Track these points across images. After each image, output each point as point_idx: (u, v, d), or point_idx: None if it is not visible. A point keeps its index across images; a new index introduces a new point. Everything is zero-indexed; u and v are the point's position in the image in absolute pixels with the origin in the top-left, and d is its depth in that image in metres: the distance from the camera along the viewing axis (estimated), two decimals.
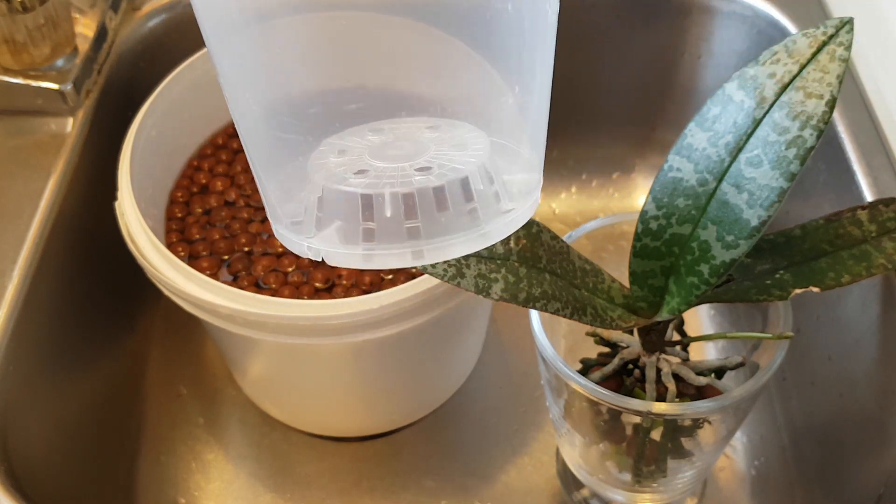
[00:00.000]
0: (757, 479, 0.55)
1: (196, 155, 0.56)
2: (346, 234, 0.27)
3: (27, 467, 0.44)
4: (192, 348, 0.62)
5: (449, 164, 0.27)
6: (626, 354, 0.43)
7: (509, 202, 0.28)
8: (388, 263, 0.27)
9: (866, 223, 0.40)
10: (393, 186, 0.26)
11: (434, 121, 0.28)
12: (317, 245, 0.27)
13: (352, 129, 0.28)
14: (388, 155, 0.27)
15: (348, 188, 0.26)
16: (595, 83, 0.67)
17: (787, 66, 0.36)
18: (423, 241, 0.26)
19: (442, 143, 0.28)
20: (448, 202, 0.26)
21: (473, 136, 0.28)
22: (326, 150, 0.28)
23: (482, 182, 0.27)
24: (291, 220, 0.28)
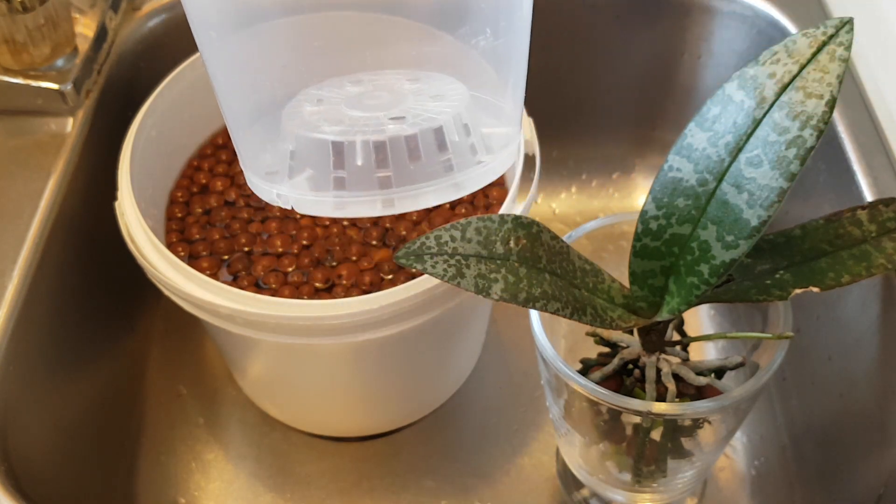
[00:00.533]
0: (757, 479, 0.55)
1: (196, 155, 0.56)
2: (316, 182, 0.26)
3: (27, 467, 0.44)
4: (192, 348, 0.62)
5: (424, 114, 0.26)
6: (626, 354, 0.43)
7: (486, 154, 0.27)
8: (358, 212, 0.26)
9: (866, 223, 0.40)
10: (365, 135, 0.26)
11: (415, 73, 0.28)
12: (286, 192, 0.27)
13: (332, 79, 0.28)
14: (365, 104, 0.27)
15: (319, 135, 0.26)
16: (595, 83, 0.67)
17: (787, 66, 0.36)
18: (393, 190, 0.26)
19: (421, 94, 0.27)
20: (421, 151, 0.26)
21: (452, 88, 0.27)
22: (303, 100, 0.27)
23: (457, 133, 0.26)
24: (266, 171, 0.28)
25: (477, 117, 0.27)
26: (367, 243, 0.50)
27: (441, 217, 0.52)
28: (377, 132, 0.26)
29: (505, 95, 0.28)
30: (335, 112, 0.27)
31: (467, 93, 0.27)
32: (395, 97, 0.27)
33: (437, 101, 0.27)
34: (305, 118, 0.26)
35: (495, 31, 0.27)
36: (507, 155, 0.28)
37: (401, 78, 0.28)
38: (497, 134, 0.28)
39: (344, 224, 0.51)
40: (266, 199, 0.27)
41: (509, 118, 0.28)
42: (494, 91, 0.28)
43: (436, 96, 0.27)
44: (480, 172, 0.27)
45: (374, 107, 0.27)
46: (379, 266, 0.49)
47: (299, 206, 0.27)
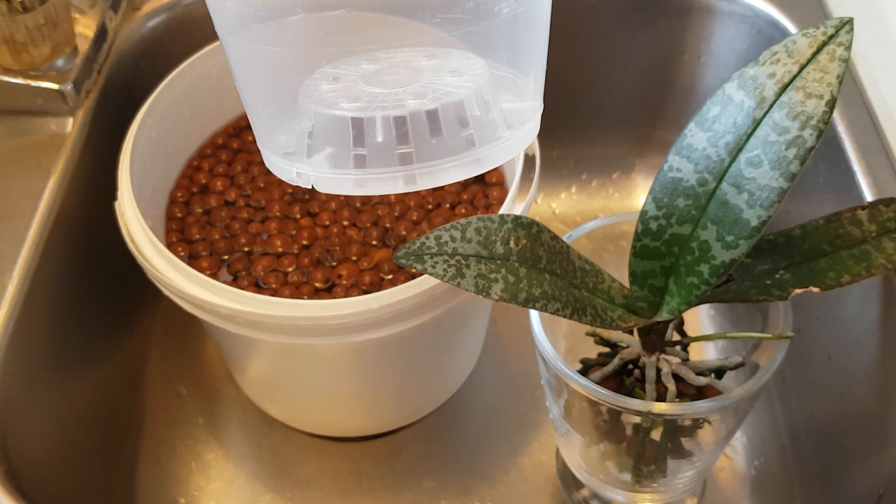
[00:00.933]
0: (757, 479, 0.55)
1: (196, 155, 0.56)
2: (336, 160, 0.26)
3: (27, 467, 0.44)
4: (192, 348, 0.62)
5: (444, 89, 0.26)
6: (626, 354, 0.43)
7: (507, 129, 0.27)
8: (380, 189, 0.26)
9: (866, 223, 0.40)
10: (385, 110, 0.25)
11: (432, 49, 0.27)
12: (306, 170, 0.26)
13: (347, 58, 0.27)
14: (383, 81, 0.26)
15: (338, 112, 0.25)
16: (595, 83, 0.67)
17: (787, 66, 0.36)
18: (415, 166, 0.26)
19: (439, 69, 0.27)
20: (442, 126, 0.25)
21: (471, 63, 0.27)
22: (319, 78, 0.27)
23: (478, 108, 0.26)
24: (284, 151, 0.27)
25: (496, 92, 0.26)
26: (367, 243, 0.50)
27: (441, 217, 0.52)
28: (397, 107, 0.25)
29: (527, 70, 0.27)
30: (353, 89, 0.26)
31: (486, 68, 0.27)
32: (413, 73, 0.27)
33: (456, 77, 0.26)
34: (323, 96, 0.26)
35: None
36: (528, 131, 0.27)
37: (418, 55, 0.27)
38: (517, 109, 0.27)
39: (344, 224, 0.51)
40: (284, 178, 0.27)
41: (530, 93, 0.28)
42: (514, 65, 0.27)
43: (454, 72, 0.26)
44: (501, 147, 0.27)
45: (392, 83, 0.26)
46: (379, 266, 0.49)
47: (319, 184, 0.26)
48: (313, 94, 0.26)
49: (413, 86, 0.26)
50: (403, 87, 0.26)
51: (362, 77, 0.26)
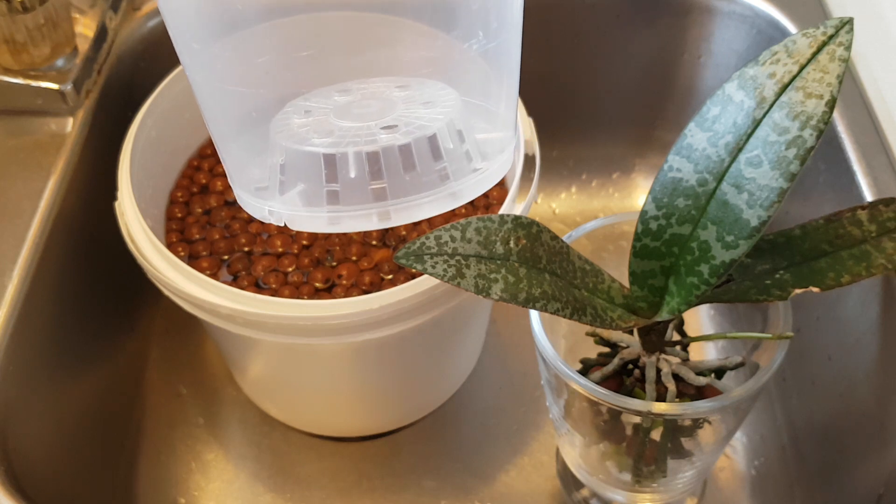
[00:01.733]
0: (757, 479, 0.55)
1: (196, 155, 0.56)
2: (309, 197, 0.25)
3: (27, 467, 0.44)
4: (192, 348, 0.62)
5: (416, 122, 0.25)
6: (626, 354, 0.43)
7: (481, 161, 0.26)
8: (354, 226, 0.26)
9: (866, 223, 0.40)
10: (357, 145, 0.25)
11: (404, 80, 0.27)
12: (278, 209, 0.26)
13: (318, 89, 0.27)
14: (354, 114, 0.26)
15: (310, 148, 0.25)
16: (595, 83, 0.67)
17: (786, 67, 0.36)
18: (389, 202, 0.25)
19: (411, 101, 0.26)
20: (415, 161, 0.25)
21: (444, 94, 0.27)
22: (290, 112, 0.26)
23: (451, 140, 0.25)
24: (256, 187, 0.27)
25: (470, 123, 0.26)
26: (367, 243, 0.50)
27: (441, 217, 0.52)
28: (369, 142, 0.25)
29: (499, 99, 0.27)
30: (324, 123, 0.26)
31: (459, 98, 0.26)
32: (385, 105, 0.26)
33: (428, 108, 0.26)
34: (294, 130, 0.26)
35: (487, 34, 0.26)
36: (503, 161, 0.27)
37: (389, 85, 0.27)
38: (492, 139, 0.27)
39: None
40: (257, 216, 0.26)
41: (503, 122, 0.27)
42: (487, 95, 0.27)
43: (427, 103, 0.26)
44: (477, 180, 0.26)
45: (364, 116, 0.26)
46: (379, 266, 0.49)
47: (292, 222, 0.26)
48: (284, 129, 0.26)
49: (385, 119, 0.26)
50: (375, 121, 0.26)
51: (334, 110, 0.26)
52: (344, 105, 0.26)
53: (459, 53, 0.26)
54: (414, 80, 0.27)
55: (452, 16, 0.26)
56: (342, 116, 0.26)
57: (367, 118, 0.26)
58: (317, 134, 0.25)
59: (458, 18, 0.26)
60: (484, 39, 0.26)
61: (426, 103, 0.26)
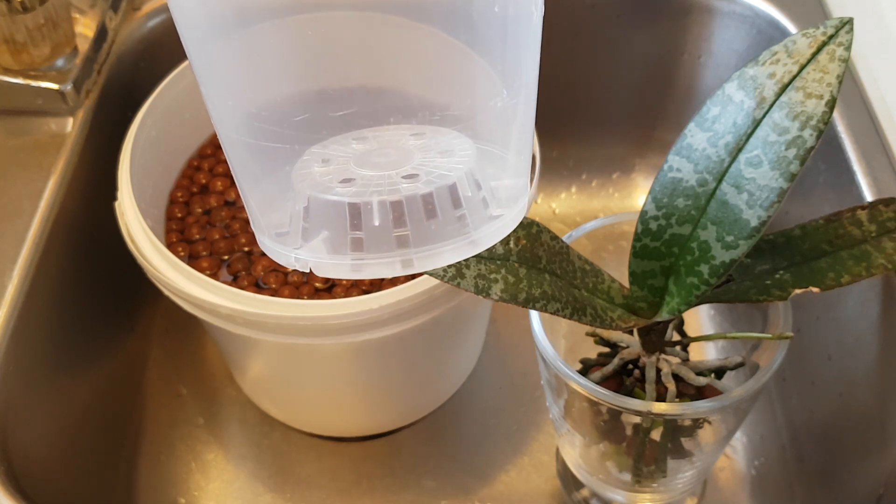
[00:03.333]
0: (757, 479, 0.55)
1: (196, 155, 0.56)
2: (333, 244, 0.26)
3: (27, 467, 0.44)
4: (192, 348, 0.62)
5: (436, 171, 0.26)
6: (626, 354, 0.43)
7: (497, 208, 0.27)
8: (377, 273, 0.26)
9: (866, 223, 0.40)
10: (380, 194, 0.25)
11: (418, 128, 0.28)
12: (304, 256, 0.26)
13: (334, 137, 0.27)
14: (374, 163, 0.27)
15: (335, 197, 0.26)
16: (595, 83, 0.67)
17: (786, 67, 0.36)
18: (412, 250, 0.26)
19: (427, 150, 0.27)
20: (437, 209, 0.26)
21: (459, 143, 0.27)
22: (310, 160, 0.27)
23: (470, 188, 0.26)
24: (276, 232, 0.27)
25: (485, 170, 0.27)
26: None
27: None
28: (392, 191, 0.26)
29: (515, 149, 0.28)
30: (345, 171, 0.26)
31: (474, 147, 0.27)
32: (403, 155, 0.27)
33: (445, 157, 0.27)
34: (317, 179, 0.26)
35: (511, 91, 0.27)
36: (519, 209, 0.28)
37: (405, 133, 0.28)
38: (505, 186, 0.28)
39: None
40: (282, 263, 0.27)
41: (518, 171, 0.28)
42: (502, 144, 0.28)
43: (444, 152, 0.27)
44: (496, 228, 0.27)
45: (384, 165, 0.27)
46: None
47: (318, 269, 0.27)
48: (307, 178, 0.27)
49: (405, 167, 0.26)
50: (396, 170, 0.26)
51: (353, 158, 0.27)
52: (363, 154, 0.27)
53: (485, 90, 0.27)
54: (428, 128, 0.28)
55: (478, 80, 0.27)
56: (362, 165, 0.27)
57: (387, 167, 0.27)
58: (339, 183, 0.26)
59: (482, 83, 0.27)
60: (507, 97, 0.27)
61: (443, 152, 0.27)
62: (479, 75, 0.27)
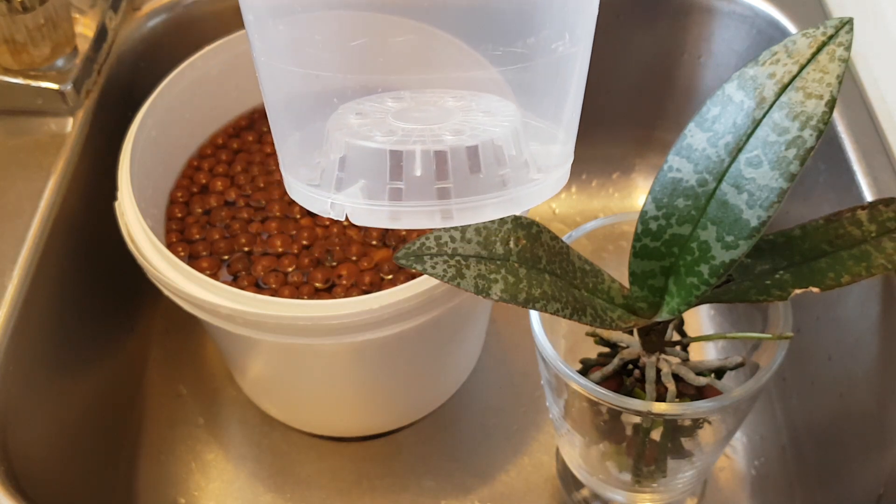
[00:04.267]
0: (757, 479, 0.55)
1: (196, 155, 0.56)
2: (371, 193, 0.25)
3: (27, 467, 0.44)
4: (192, 348, 0.62)
5: (480, 128, 0.25)
6: (626, 355, 0.43)
7: (537, 172, 0.27)
8: (416, 223, 0.25)
9: (866, 223, 0.40)
10: (424, 144, 0.25)
11: (458, 92, 0.27)
12: (341, 201, 0.26)
13: (369, 96, 0.27)
14: (414, 117, 0.26)
15: (376, 144, 0.25)
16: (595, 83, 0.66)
17: (786, 67, 0.36)
18: (453, 202, 0.25)
19: (469, 110, 0.27)
20: (481, 164, 0.25)
21: (502, 105, 0.27)
22: (344, 114, 0.26)
23: (514, 147, 0.26)
24: (308, 183, 0.27)
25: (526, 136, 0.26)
26: (367, 243, 0.50)
27: None
28: (437, 143, 0.25)
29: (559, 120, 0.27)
30: (384, 123, 0.26)
31: (517, 111, 0.26)
32: (444, 112, 0.26)
33: (489, 117, 0.26)
34: (355, 129, 0.25)
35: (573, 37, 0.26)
36: (560, 175, 0.27)
37: (444, 96, 0.27)
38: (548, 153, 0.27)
39: (344, 224, 0.51)
40: (316, 210, 0.26)
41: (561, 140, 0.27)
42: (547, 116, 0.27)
43: (486, 112, 0.26)
44: (536, 189, 0.26)
45: (424, 119, 0.26)
46: (379, 266, 0.49)
47: (354, 215, 0.26)
48: (344, 127, 0.26)
49: (447, 123, 0.26)
50: (438, 124, 0.26)
51: (391, 113, 0.26)
52: (401, 110, 0.26)
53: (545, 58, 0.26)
54: (468, 92, 0.27)
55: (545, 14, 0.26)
56: (401, 119, 0.26)
57: (428, 121, 0.26)
58: (379, 132, 0.25)
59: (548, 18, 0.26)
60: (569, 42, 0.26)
61: (486, 112, 0.26)
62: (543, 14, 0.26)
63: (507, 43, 0.26)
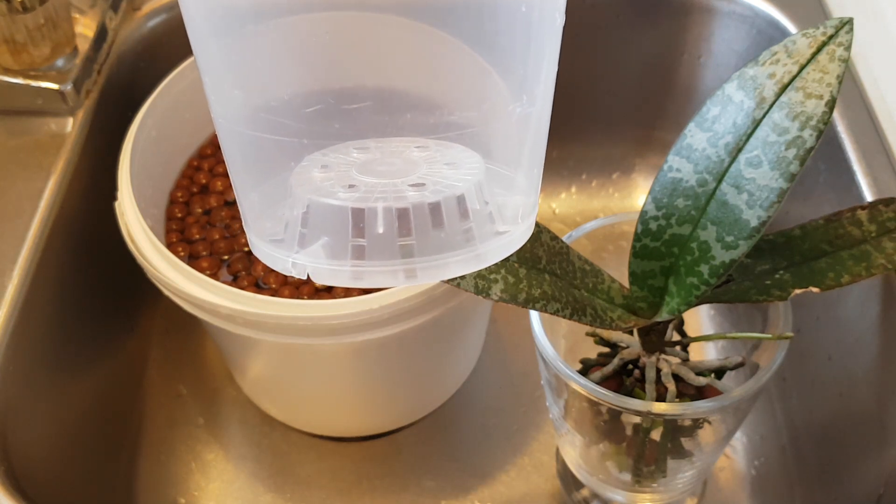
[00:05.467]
0: (757, 479, 0.55)
1: (196, 155, 0.56)
2: (333, 251, 0.25)
3: (27, 467, 0.44)
4: (192, 348, 0.62)
5: (444, 181, 0.25)
6: (625, 355, 0.43)
7: (503, 224, 0.26)
8: (378, 282, 0.25)
9: (866, 223, 0.40)
10: (386, 201, 0.24)
11: (423, 141, 0.27)
12: (302, 261, 0.25)
13: (335, 146, 0.27)
14: (377, 171, 0.26)
15: (338, 202, 0.24)
16: (595, 83, 0.67)
17: (786, 67, 0.36)
18: (416, 260, 0.25)
19: (433, 161, 0.26)
20: (444, 220, 0.25)
21: (466, 156, 0.26)
22: (309, 166, 0.26)
23: (478, 201, 0.25)
24: (270, 238, 0.27)
25: (492, 186, 0.26)
26: None
27: None
28: (399, 199, 0.24)
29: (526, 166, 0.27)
30: (347, 178, 0.25)
31: (482, 162, 0.26)
32: (408, 164, 0.26)
33: (453, 170, 0.26)
34: (318, 184, 0.25)
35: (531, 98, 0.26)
36: (526, 226, 0.27)
37: (409, 146, 0.27)
38: (514, 203, 0.27)
39: None
40: (277, 269, 0.26)
41: (527, 189, 0.27)
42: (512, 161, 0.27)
43: (450, 164, 0.26)
44: (503, 243, 0.26)
45: (388, 173, 0.26)
46: None
47: (316, 274, 0.25)
48: (307, 183, 0.25)
49: (411, 176, 0.26)
50: (402, 178, 0.25)
51: (355, 166, 0.26)
52: (365, 162, 0.26)
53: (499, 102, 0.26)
54: (433, 142, 0.27)
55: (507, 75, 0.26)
56: (365, 173, 0.26)
57: (392, 175, 0.26)
58: (341, 188, 0.25)
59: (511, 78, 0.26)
60: (526, 104, 0.26)
61: (450, 164, 0.26)
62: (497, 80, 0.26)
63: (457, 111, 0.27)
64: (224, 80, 0.26)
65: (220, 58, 0.26)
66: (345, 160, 0.26)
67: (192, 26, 0.26)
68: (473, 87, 0.27)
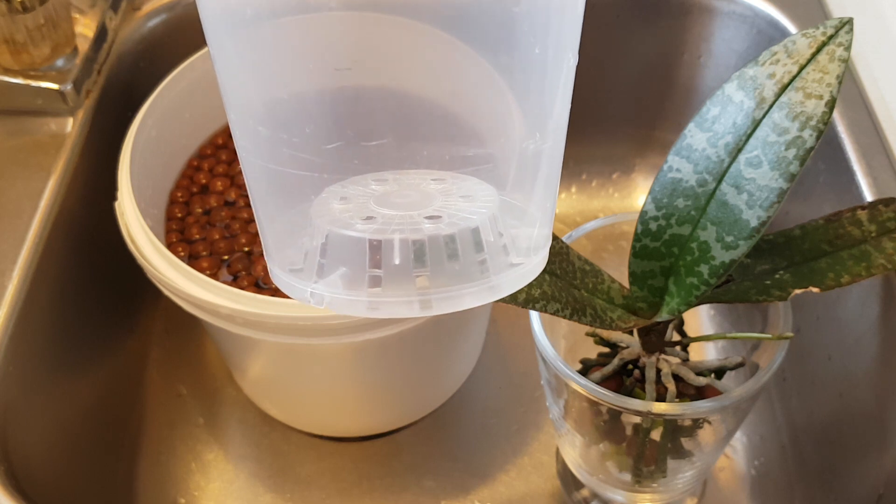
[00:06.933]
0: (757, 479, 0.55)
1: (196, 155, 0.56)
2: (350, 281, 0.26)
3: (27, 467, 0.44)
4: (192, 348, 0.62)
5: (459, 214, 0.26)
6: (625, 355, 0.43)
7: (517, 256, 0.27)
8: (394, 312, 0.26)
9: (866, 223, 0.40)
10: (402, 233, 0.25)
11: (440, 173, 0.28)
12: (320, 291, 0.26)
13: (354, 178, 0.27)
14: (395, 203, 0.26)
15: (355, 233, 0.25)
16: (595, 83, 0.67)
17: (786, 67, 0.36)
18: (431, 291, 0.26)
19: (449, 193, 0.27)
20: (458, 252, 0.25)
21: (481, 189, 0.27)
22: (328, 198, 0.27)
23: (492, 233, 0.26)
24: (290, 268, 0.27)
25: (506, 218, 0.27)
26: None
27: None
28: (415, 231, 0.25)
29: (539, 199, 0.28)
30: (365, 209, 0.26)
31: (496, 194, 0.27)
32: (424, 197, 0.27)
33: (468, 202, 0.26)
34: (336, 215, 0.26)
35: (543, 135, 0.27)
36: (540, 259, 0.27)
37: (425, 178, 0.28)
38: (528, 235, 0.27)
39: None
40: (296, 298, 0.27)
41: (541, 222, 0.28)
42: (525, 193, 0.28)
43: (466, 196, 0.27)
44: (517, 275, 0.27)
45: (405, 205, 0.26)
46: None
47: (333, 304, 0.26)
48: (326, 214, 0.26)
49: (427, 209, 0.26)
50: (418, 210, 0.26)
51: (373, 198, 0.26)
52: (383, 194, 0.27)
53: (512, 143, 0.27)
54: (449, 174, 0.27)
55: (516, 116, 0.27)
56: (382, 205, 0.26)
57: (409, 207, 0.26)
58: (359, 219, 0.26)
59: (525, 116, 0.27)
60: (539, 140, 0.27)
61: (465, 196, 0.27)
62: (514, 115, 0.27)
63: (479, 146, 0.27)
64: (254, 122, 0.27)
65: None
66: (363, 192, 0.27)
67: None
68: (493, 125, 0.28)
